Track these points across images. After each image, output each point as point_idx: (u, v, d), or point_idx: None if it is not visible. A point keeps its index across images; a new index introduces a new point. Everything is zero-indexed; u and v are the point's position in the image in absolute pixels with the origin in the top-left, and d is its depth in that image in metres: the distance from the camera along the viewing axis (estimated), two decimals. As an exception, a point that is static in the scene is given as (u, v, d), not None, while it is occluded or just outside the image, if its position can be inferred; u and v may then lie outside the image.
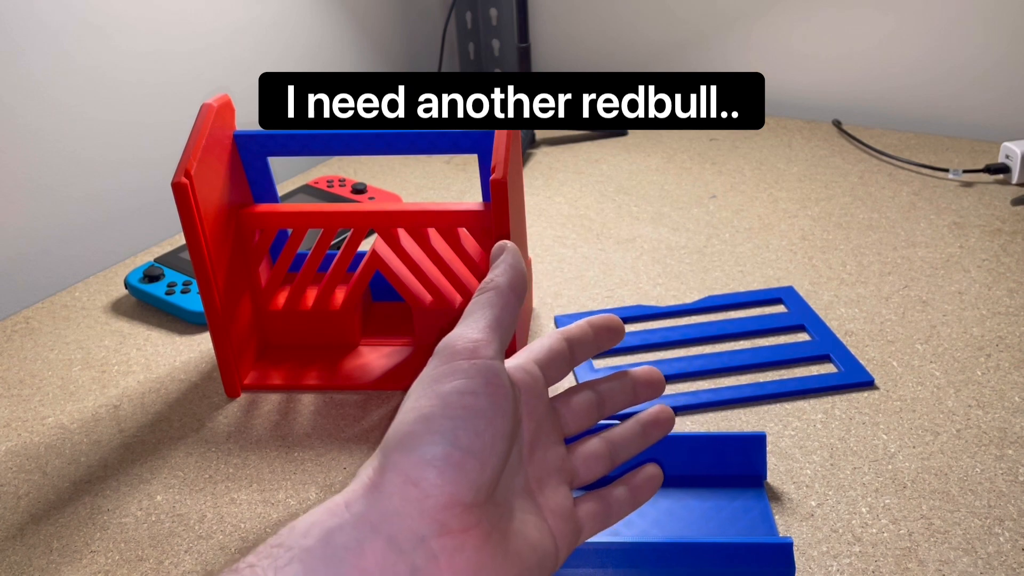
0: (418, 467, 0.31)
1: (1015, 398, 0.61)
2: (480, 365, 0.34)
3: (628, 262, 0.83)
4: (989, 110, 1.04)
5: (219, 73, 0.99)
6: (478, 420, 0.32)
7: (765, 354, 0.67)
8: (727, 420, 0.61)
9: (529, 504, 0.37)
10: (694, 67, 1.22)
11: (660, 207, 0.93)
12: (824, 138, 1.08)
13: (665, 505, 0.54)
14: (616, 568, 0.49)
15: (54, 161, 0.85)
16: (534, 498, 0.37)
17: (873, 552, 0.50)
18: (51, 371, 0.72)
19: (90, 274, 0.87)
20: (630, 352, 0.69)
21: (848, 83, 1.12)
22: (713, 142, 1.09)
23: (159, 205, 0.92)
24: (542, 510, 0.37)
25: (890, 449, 0.57)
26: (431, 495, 0.31)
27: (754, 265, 0.81)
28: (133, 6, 0.89)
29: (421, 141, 0.64)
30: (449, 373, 0.34)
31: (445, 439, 0.32)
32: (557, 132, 1.14)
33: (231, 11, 0.99)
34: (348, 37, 1.16)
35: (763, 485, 0.55)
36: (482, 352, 0.35)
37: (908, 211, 0.89)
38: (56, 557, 0.54)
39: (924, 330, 0.69)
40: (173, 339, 0.75)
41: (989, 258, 0.79)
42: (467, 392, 0.33)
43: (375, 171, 1.07)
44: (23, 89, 0.81)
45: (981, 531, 0.51)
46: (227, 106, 0.64)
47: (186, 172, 0.57)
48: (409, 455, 0.31)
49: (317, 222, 0.64)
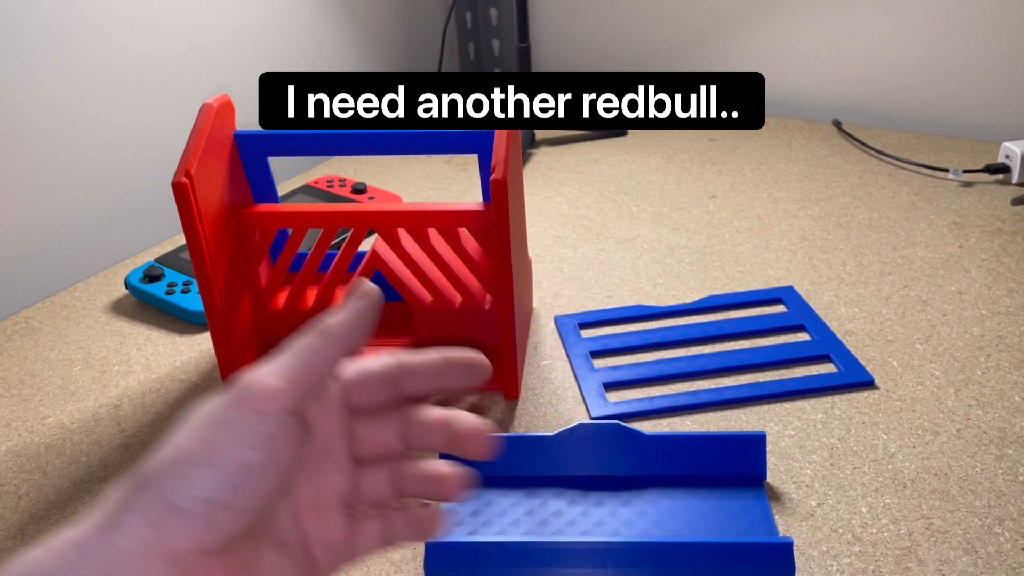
0: (164, 512, 0.29)
1: (1015, 398, 0.61)
2: (270, 419, 0.31)
3: (628, 262, 0.83)
4: (989, 110, 1.04)
5: (219, 73, 0.99)
6: (246, 476, 0.30)
7: (765, 354, 0.67)
8: (727, 420, 0.61)
9: (292, 535, 0.34)
10: (694, 67, 1.22)
11: (660, 207, 0.93)
12: (824, 138, 1.08)
13: (665, 505, 0.54)
14: (616, 568, 0.49)
15: (54, 161, 0.85)
16: (302, 528, 0.34)
17: (873, 552, 0.50)
18: (51, 371, 0.72)
19: (90, 274, 0.88)
20: (630, 352, 0.69)
21: (848, 83, 1.12)
22: (713, 142, 1.09)
23: (159, 205, 0.92)
24: (308, 540, 0.34)
25: (890, 449, 0.57)
26: (174, 542, 0.28)
27: (754, 265, 0.81)
28: (133, 6, 0.89)
29: (421, 141, 0.64)
30: (232, 419, 0.30)
31: (201, 489, 0.29)
32: (557, 132, 1.14)
33: (231, 11, 0.99)
34: (348, 37, 1.16)
35: (763, 485, 0.55)
36: (279, 402, 0.31)
37: (908, 211, 0.89)
38: (56, 557, 0.53)
39: (924, 330, 0.69)
40: (173, 339, 0.75)
41: (989, 258, 0.79)
42: (245, 446, 0.30)
43: (375, 171, 1.07)
44: (24, 89, 0.81)
45: (981, 531, 0.51)
46: (227, 106, 0.64)
47: (186, 172, 0.57)
48: (156, 498, 0.29)
49: (317, 222, 0.64)
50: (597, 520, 0.53)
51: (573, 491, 0.55)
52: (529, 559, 0.49)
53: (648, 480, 0.56)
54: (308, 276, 0.67)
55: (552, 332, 0.73)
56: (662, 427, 0.61)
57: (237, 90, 0.78)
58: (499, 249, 0.59)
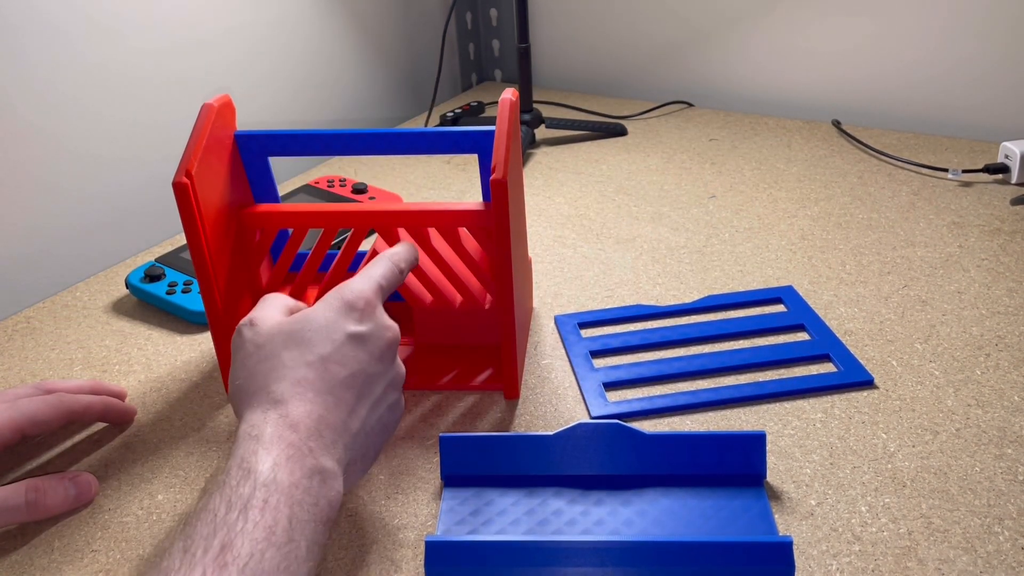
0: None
1: (1014, 397, 0.61)
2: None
3: (628, 262, 0.83)
4: (988, 110, 1.05)
5: (219, 73, 0.99)
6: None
7: (765, 353, 0.67)
8: (727, 419, 0.61)
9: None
10: (694, 67, 1.22)
11: (660, 207, 0.93)
12: (823, 138, 1.08)
13: (665, 504, 0.54)
14: (616, 567, 0.49)
15: (55, 161, 0.85)
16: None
17: (873, 551, 0.50)
18: (52, 371, 0.72)
19: (91, 274, 0.88)
20: (630, 351, 0.69)
21: (847, 83, 1.12)
22: (713, 142, 1.09)
23: (160, 205, 0.93)
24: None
25: (889, 448, 0.58)
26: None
27: (754, 265, 0.81)
28: (134, 5, 0.89)
29: (421, 141, 0.64)
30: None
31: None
32: (557, 132, 1.14)
33: (231, 11, 0.99)
34: (348, 37, 1.17)
35: (763, 484, 0.55)
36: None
37: (907, 211, 0.89)
38: (57, 556, 0.54)
39: (923, 329, 0.70)
40: (174, 339, 0.75)
41: (988, 258, 0.79)
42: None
43: (375, 171, 1.07)
44: (24, 88, 0.81)
45: (980, 530, 0.51)
46: (228, 106, 0.64)
47: (187, 172, 0.58)
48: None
49: (318, 222, 0.64)
50: (597, 519, 0.53)
51: (573, 490, 0.55)
52: (529, 558, 0.49)
53: (648, 479, 0.56)
54: (308, 276, 0.67)
55: (552, 332, 0.73)
56: (662, 426, 0.61)
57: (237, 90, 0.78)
58: (499, 249, 0.59)
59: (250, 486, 0.41)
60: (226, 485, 0.41)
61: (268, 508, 0.40)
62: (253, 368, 0.48)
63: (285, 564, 0.39)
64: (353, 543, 0.53)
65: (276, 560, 0.38)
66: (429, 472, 0.58)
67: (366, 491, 0.57)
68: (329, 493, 0.44)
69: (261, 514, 0.40)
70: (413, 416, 0.64)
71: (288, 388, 0.46)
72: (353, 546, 0.53)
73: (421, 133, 0.64)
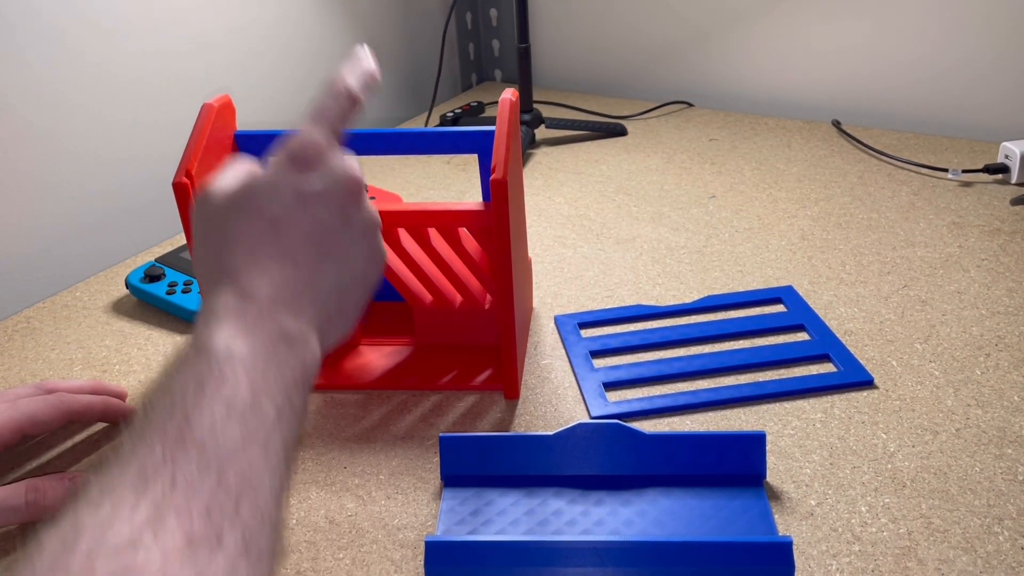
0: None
1: (1014, 397, 0.62)
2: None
3: (628, 262, 0.83)
4: (988, 110, 1.05)
5: (219, 73, 0.99)
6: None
7: (765, 353, 0.67)
8: (727, 420, 0.61)
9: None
10: (694, 67, 1.22)
11: (660, 207, 0.93)
12: (823, 138, 1.08)
13: (665, 504, 0.54)
14: (616, 567, 0.49)
15: (55, 161, 0.85)
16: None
17: (872, 551, 0.50)
18: (52, 371, 0.72)
19: (91, 274, 0.88)
20: (630, 352, 0.69)
21: (847, 83, 1.12)
22: (713, 142, 1.09)
23: (160, 205, 0.92)
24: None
25: (889, 448, 0.58)
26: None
27: (753, 265, 0.81)
28: (134, 5, 0.89)
29: (421, 141, 0.64)
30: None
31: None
32: (557, 132, 1.14)
33: (231, 11, 0.99)
34: (348, 37, 1.17)
35: (763, 484, 0.55)
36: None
37: (907, 211, 0.89)
38: (57, 556, 0.54)
39: (923, 329, 0.70)
40: (174, 339, 0.75)
41: (988, 258, 0.79)
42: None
43: (375, 171, 1.07)
44: (24, 88, 0.81)
45: (980, 530, 0.51)
46: (228, 106, 0.64)
47: (187, 172, 0.58)
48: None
49: (318, 222, 0.64)
50: (597, 519, 0.53)
51: (573, 490, 0.55)
52: (529, 558, 0.49)
53: (648, 479, 0.56)
54: (308, 276, 0.67)
55: (552, 332, 0.73)
56: (662, 427, 0.61)
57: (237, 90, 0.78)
58: (499, 249, 0.59)
59: (204, 362, 0.38)
60: (183, 366, 0.38)
61: (226, 382, 0.37)
62: (207, 244, 0.45)
63: (252, 435, 0.36)
64: (353, 543, 0.53)
65: (238, 432, 0.36)
66: (429, 472, 0.58)
67: (366, 491, 0.57)
68: (302, 355, 0.41)
69: (218, 388, 0.37)
70: (413, 416, 0.64)
71: (240, 259, 0.43)
72: (353, 546, 0.53)
73: (421, 133, 0.64)
